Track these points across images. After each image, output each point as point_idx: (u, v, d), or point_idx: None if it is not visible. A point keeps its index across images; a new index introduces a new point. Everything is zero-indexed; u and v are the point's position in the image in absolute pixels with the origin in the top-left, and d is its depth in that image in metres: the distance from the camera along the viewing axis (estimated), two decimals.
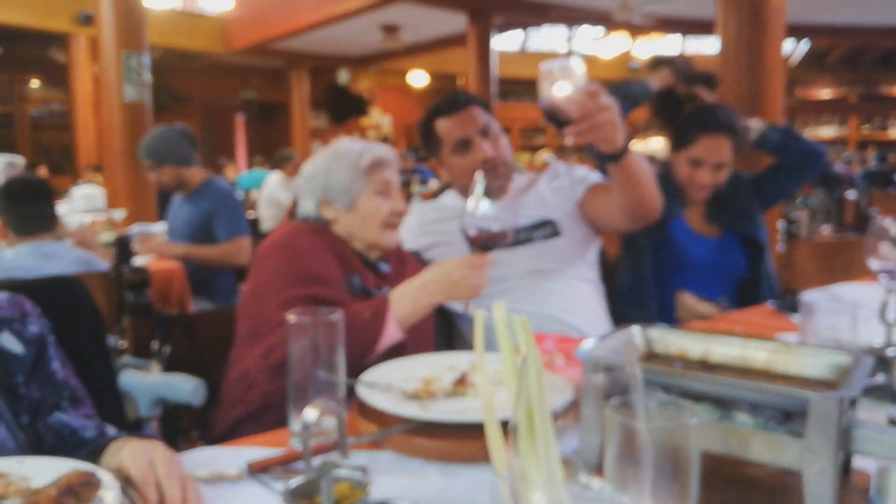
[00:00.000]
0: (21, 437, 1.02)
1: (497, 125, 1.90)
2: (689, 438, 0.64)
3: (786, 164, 2.28)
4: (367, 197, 1.55)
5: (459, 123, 1.86)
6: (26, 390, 1.06)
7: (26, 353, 1.07)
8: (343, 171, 1.56)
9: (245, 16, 12.01)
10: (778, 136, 2.25)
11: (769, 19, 3.98)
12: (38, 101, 13.36)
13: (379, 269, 1.59)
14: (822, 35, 12.87)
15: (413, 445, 0.99)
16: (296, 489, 0.80)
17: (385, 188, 1.57)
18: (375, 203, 1.54)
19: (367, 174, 1.55)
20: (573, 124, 1.38)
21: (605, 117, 1.40)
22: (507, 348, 0.72)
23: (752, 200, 2.27)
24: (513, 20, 11.32)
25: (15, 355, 1.06)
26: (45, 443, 1.04)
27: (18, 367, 1.05)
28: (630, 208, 1.71)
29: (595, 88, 1.37)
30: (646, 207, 1.70)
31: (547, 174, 2.02)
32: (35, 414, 1.06)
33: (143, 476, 0.86)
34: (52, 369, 1.09)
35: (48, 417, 1.06)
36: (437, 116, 1.90)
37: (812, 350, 0.90)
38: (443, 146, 1.90)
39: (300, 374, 1.00)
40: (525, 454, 0.62)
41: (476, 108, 1.87)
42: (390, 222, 1.57)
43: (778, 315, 1.84)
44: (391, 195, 1.58)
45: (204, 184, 3.26)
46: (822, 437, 0.73)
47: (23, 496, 0.80)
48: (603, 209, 1.84)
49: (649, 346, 0.98)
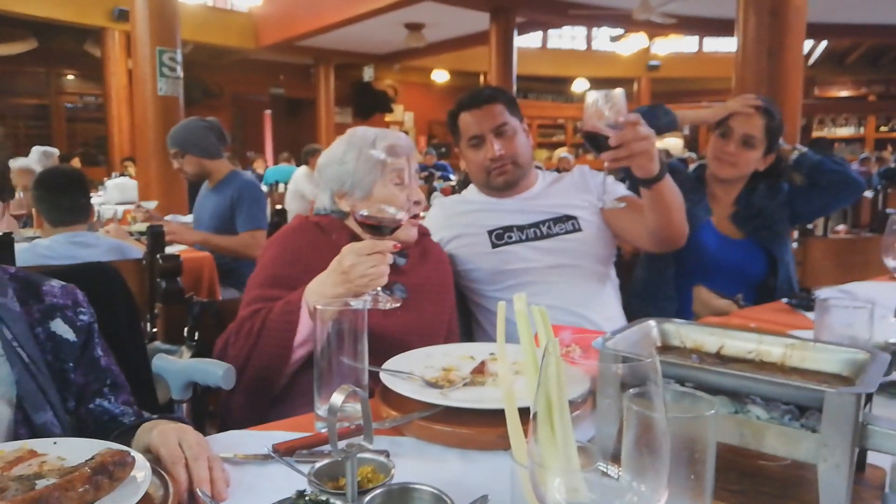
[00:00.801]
0: (66, 421, 1.06)
1: (515, 124, 1.92)
2: (705, 429, 0.65)
3: (820, 185, 2.25)
4: (382, 186, 1.48)
5: (477, 119, 1.92)
6: (74, 376, 1.10)
7: (77, 340, 1.11)
8: (357, 160, 1.49)
9: (274, 13, 12.15)
10: (817, 159, 2.24)
11: (790, 19, 3.94)
12: (74, 93, 13.65)
13: (394, 264, 1.48)
14: (841, 34, 12.66)
15: (433, 431, 1.01)
16: (321, 470, 0.83)
17: (400, 178, 1.50)
18: (392, 191, 1.48)
19: (382, 163, 1.48)
20: (612, 150, 1.44)
21: (641, 146, 1.45)
22: (526, 339, 0.74)
23: (783, 212, 2.25)
24: (534, 19, 11.32)
25: (67, 341, 1.10)
26: (86, 427, 1.08)
27: (69, 353, 1.10)
28: (657, 233, 1.76)
29: (635, 118, 1.43)
30: (673, 235, 1.75)
31: (575, 174, 2.05)
32: (79, 399, 1.10)
33: (172, 457, 0.89)
34: (96, 356, 1.13)
35: (90, 403, 1.10)
36: (461, 110, 1.95)
37: (828, 346, 0.90)
38: (461, 139, 1.97)
39: (325, 361, 1.03)
40: (543, 442, 0.63)
41: (497, 106, 1.90)
42: (409, 213, 1.49)
43: (792, 312, 1.83)
44: (407, 184, 1.51)
45: (229, 175, 3.33)
46: (838, 432, 0.73)
47: (58, 475, 0.82)
48: (629, 227, 1.88)
49: (665, 339, 0.99)
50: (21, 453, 0.88)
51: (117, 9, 10.43)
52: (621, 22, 11.16)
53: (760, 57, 3.92)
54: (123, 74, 11.10)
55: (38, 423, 1.01)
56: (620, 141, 1.43)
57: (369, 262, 1.21)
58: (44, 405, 1.03)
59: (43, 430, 1.02)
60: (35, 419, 1.02)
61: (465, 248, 1.91)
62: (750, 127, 2.13)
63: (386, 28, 11.74)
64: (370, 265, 1.21)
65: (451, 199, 2.14)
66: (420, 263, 1.59)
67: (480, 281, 1.90)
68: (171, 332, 1.58)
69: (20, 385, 1.02)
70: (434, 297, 1.56)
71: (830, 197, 2.27)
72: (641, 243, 1.90)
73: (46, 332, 1.09)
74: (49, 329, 1.09)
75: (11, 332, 1.04)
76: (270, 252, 1.48)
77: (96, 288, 1.19)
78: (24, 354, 1.04)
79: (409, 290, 1.50)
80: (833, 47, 15.13)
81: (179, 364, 1.25)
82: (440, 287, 1.60)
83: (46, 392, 1.04)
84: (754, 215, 2.21)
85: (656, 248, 1.86)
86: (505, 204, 1.96)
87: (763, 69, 3.89)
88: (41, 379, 1.04)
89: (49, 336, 1.09)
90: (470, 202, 2.02)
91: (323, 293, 1.25)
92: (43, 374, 1.05)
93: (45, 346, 1.08)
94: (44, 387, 1.04)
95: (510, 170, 1.92)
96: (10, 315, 1.05)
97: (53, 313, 1.11)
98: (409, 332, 1.44)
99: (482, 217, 1.94)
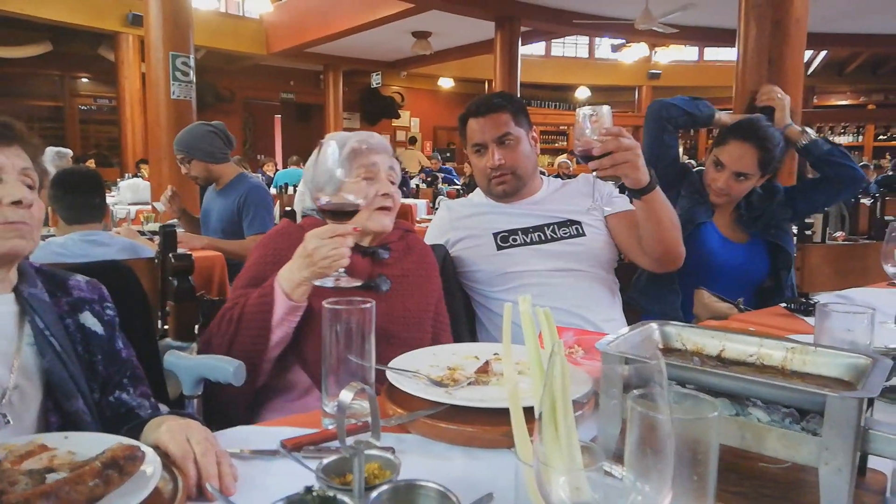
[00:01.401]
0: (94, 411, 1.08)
1: (520, 133, 1.95)
2: (709, 431, 0.66)
3: (825, 177, 2.26)
4: (351, 182, 1.52)
5: (481, 127, 1.95)
6: (101, 368, 1.12)
7: (105, 334, 1.14)
8: (328, 160, 1.50)
9: (285, 20, 12.25)
10: (827, 148, 2.25)
11: (791, 29, 3.93)
12: (88, 96, 13.75)
13: (377, 256, 1.58)
14: (842, 44, 12.62)
15: (438, 429, 1.02)
16: (329, 466, 0.84)
17: (370, 173, 1.55)
18: (359, 187, 1.52)
19: (351, 160, 1.54)
20: (597, 159, 1.53)
21: (625, 156, 1.54)
22: (531, 340, 0.75)
23: (784, 211, 2.27)
24: (538, 28, 11.38)
25: (96, 334, 1.13)
26: (104, 418, 1.10)
27: (98, 346, 1.12)
28: (652, 250, 1.83)
29: (618, 130, 1.53)
30: (668, 253, 1.82)
31: (580, 181, 2.08)
32: (102, 390, 1.12)
33: (181, 452, 0.90)
34: (117, 348, 1.16)
35: (111, 395, 1.12)
36: (469, 115, 1.99)
37: (829, 350, 0.91)
38: (468, 144, 2.01)
39: (334, 359, 1.04)
40: (547, 441, 0.64)
41: (503, 115, 1.93)
42: (377, 204, 1.55)
43: (791, 317, 1.84)
44: (378, 179, 1.56)
45: (236, 179, 3.36)
46: (839, 435, 0.73)
47: (68, 469, 0.83)
48: (627, 243, 1.93)
49: (666, 342, 0.99)
50: (32, 447, 0.88)
51: (132, 14, 10.52)
52: (624, 31, 11.19)
53: (761, 66, 3.92)
54: (137, 78, 11.19)
55: (71, 411, 1.03)
56: (604, 150, 1.52)
57: (330, 244, 1.27)
58: (75, 393, 1.05)
59: (75, 417, 1.03)
60: (67, 407, 1.03)
61: (470, 249, 1.95)
62: (742, 165, 2.13)
63: (393, 36, 11.82)
64: (331, 247, 1.27)
65: (457, 202, 2.17)
66: (403, 257, 1.63)
67: (485, 282, 1.92)
68: (182, 330, 1.60)
69: (51, 373, 1.04)
70: (417, 287, 1.60)
71: (834, 191, 2.29)
72: (640, 261, 1.93)
73: (76, 324, 1.11)
74: (78, 321, 1.12)
75: (43, 321, 1.07)
76: (255, 254, 1.56)
77: (111, 285, 1.21)
78: (56, 343, 1.06)
79: (393, 281, 1.55)
80: (833, 57, 15.10)
81: (190, 360, 1.27)
82: (424, 278, 1.64)
83: (77, 380, 1.06)
84: (757, 217, 2.22)
85: (654, 268, 1.91)
86: (510, 208, 1.99)
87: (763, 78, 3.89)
88: (72, 368, 1.06)
89: (79, 328, 1.11)
90: (476, 205, 2.05)
91: (290, 278, 1.33)
92: (73, 363, 1.07)
93: (74, 336, 1.10)
94: (75, 376, 1.06)
95: (509, 180, 1.95)
96: (41, 305, 1.08)
97: (82, 306, 1.13)
98: (393, 320, 1.50)
99: (488, 220, 1.97)
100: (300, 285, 1.32)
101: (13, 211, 1.04)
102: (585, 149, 1.52)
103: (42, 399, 1.04)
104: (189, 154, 3.31)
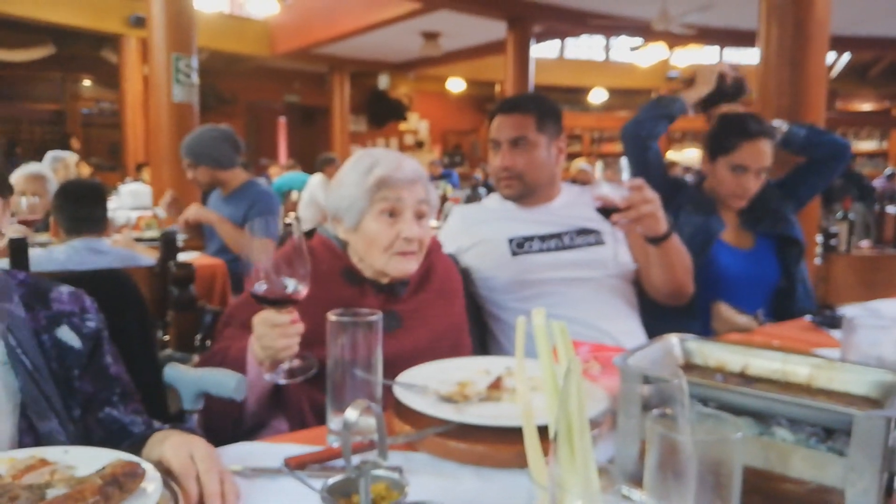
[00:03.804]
0: (71, 430, 1.05)
1: (540, 139, 1.90)
2: (732, 452, 0.63)
3: (815, 160, 2.27)
4: (372, 217, 1.38)
5: (500, 125, 1.93)
6: (80, 384, 1.09)
7: (83, 347, 1.10)
8: (351, 185, 1.40)
9: (290, 21, 12.23)
10: (804, 133, 2.25)
11: (813, 31, 3.90)
12: (90, 99, 13.78)
13: (394, 292, 1.44)
14: (865, 47, 12.55)
15: (447, 448, 0.99)
16: (334, 487, 0.81)
17: (394, 209, 1.38)
18: (380, 225, 1.38)
19: (374, 191, 1.38)
20: (621, 212, 1.52)
21: (648, 208, 1.54)
22: (545, 356, 0.73)
23: (784, 203, 2.25)
24: (551, 29, 11.31)
25: (72, 349, 1.09)
26: (93, 436, 1.07)
27: (75, 360, 1.09)
28: (661, 289, 1.83)
29: (640, 183, 1.52)
30: (677, 292, 1.83)
31: None
32: (86, 408, 1.09)
33: (183, 469, 0.88)
34: (105, 363, 1.12)
35: (99, 412, 1.09)
36: (497, 112, 1.97)
37: (856, 367, 0.89)
38: (489, 140, 1.99)
39: (339, 374, 1.02)
40: (563, 462, 0.62)
41: (525, 118, 1.90)
42: (397, 249, 1.38)
43: (816, 330, 1.81)
44: (402, 217, 1.39)
45: (244, 185, 3.32)
46: (867, 456, 0.72)
47: (68, 485, 0.83)
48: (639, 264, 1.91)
49: (687, 357, 0.97)
50: (32, 462, 0.88)
51: (134, 16, 10.52)
52: (640, 32, 11.12)
53: (782, 68, 3.89)
54: (139, 81, 11.19)
55: (43, 432, 1.01)
56: (629, 204, 1.51)
57: (272, 334, 1.14)
58: (48, 413, 1.02)
59: (48, 438, 1.01)
60: (40, 427, 1.01)
61: (483, 256, 1.90)
62: (764, 160, 2.11)
63: (402, 36, 11.78)
64: (273, 338, 1.14)
65: (470, 208, 2.15)
66: (420, 288, 1.50)
67: (498, 290, 1.88)
68: (182, 340, 1.58)
69: (24, 392, 1.01)
70: (433, 321, 1.48)
71: (827, 169, 2.29)
72: (646, 288, 1.91)
73: (52, 340, 1.08)
74: (55, 336, 1.09)
75: (16, 338, 1.04)
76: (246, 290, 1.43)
77: (108, 295, 1.19)
78: (28, 362, 1.03)
79: (406, 317, 1.44)
80: (855, 60, 15.00)
81: (191, 374, 1.24)
82: (441, 307, 1.52)
83: (51, 399, 1.03)
84: (762, 215, 2.19)
85: (660, 300, 1.89)
86: (526, 213, 1.95)
87: (785, 81, 3.85)
88: (45, 386, 1.03)
89: (55, 343, 1.08)
90: (491, 210, 2.02)
91: (255, 353, 1.21)
92: (47, 381, 1.04)
93: (49, 353, 1.07)
94: (48, 394, 1.03)
95: (515, 184, 1.92)
96: (15, 321, 1.05)
97: (60, 320, 1.10)
98: (402, 355, 1.34)
99: (503, 225, 1.93)
100: (262, 363, 1.20)
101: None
102: (605, 204, 1.52)
103: (18, 419, 1.01)
104: (196, 160, 3.27)
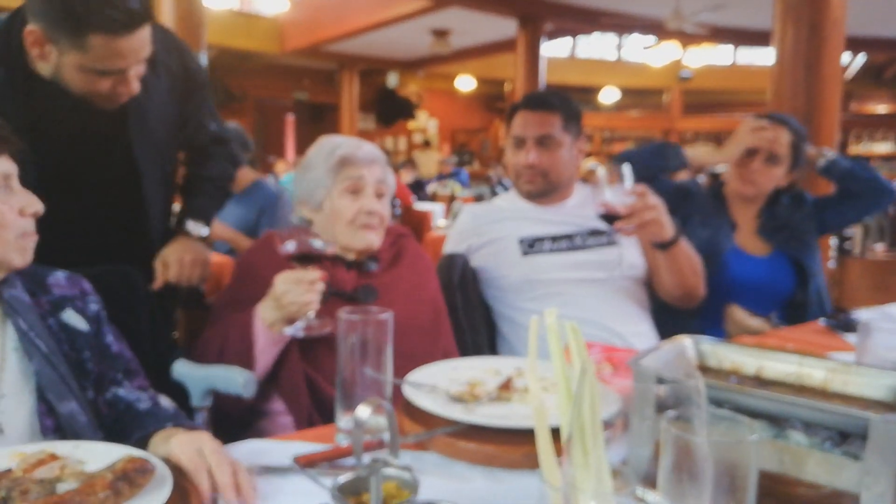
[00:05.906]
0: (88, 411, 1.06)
1: (565, 139, 1.89)
2: (747, 454, 0.63)
3: (852, 192, 2.20)
4: (336, 195, 1.47)
5: (526, 121, 1.91)
6: (91, 366, 1.10)
7: (89, 329, 1.11)
8: (314, 168, 1.50)
9: (299, 18, 12.22)
10: (848, 165, 2.20)
11: (828, 31, 3.87)
12: None
13: (364, 268, 1.51)
14: (881, 48, 12.41)
15: (457, 448, 0.99)
16: (344, 485, 0.81)
17: (356, 186, 1.48)
18: (343, 202, 1.46)
19: (335, 171, 1.47)
20: (624, 220, 1.52)
21: (651, 215, 1.54)
22: (557, 357, 0.72)
23: (810, 224, 2.20)
24: (563, 27, 11.25)
25: (80, 332, 1.10)
26: (103, 418, 1.08)
27: (84, 342, 1.10)
28: (670, 292, 1.83)
29: (642, 189, 1.52)
30: (687, 296, 1.83)
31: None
32: (96, 389, 1.10)
33: (194, 464, 0.88)
34: (107, 342, 1.13)
35: (106, 393, 1.10)
36: (521, 107, 1.95)
37: (871, 370, 0.88)
38: (509, 135, 1.97)
39: (349, 372, 1.01)
40: (576, 464, 0.62)
41: (552, 116, 1.89)
42: (360, 222, 1.47)
43: (830, 333, 1.79)
44: (363, 194, 1.48)
45: (252, 185, 3.30)
46: (883, 460, 0.71)
47: (78, 479, 0.83)
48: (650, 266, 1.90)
49: (702, 359, 0.96)
50: (42, 456, 0.88)
51: None
52: (653, 30, 11.03)
53: (797, 69, 3.86)
54: None
55: (64, 413, 1.02)
56: (631, 211, 1.51)
57: (297, 290, 1.26)
58: (67, 395, 1.03)
59: (69, 419, 1.01)
60: (60, 408, 1.02)
61: (494, 255, 1.89)
62: (777, 145, 2.08)
63: (412, 34, 11.75)
64: (298, 293, 1.26)
65: (481, 207, 2.13)
66: (393, 263, 1.57)
67: (509, 290, 1.87)
68: (191, 338, 1.57)
69: (41, 376, 1.02)
70: (409, 293, 1.54)
71: (863, 206, 2.24)
72: (657, 290, 1.90)
73: (59, 323, 1.09)
74: (61, 320, 1.09)
75: (26, 322, 1.04)
76: (234, 272, 1.54)
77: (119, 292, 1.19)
78: (42, 345, 1.04)
79: (382, 290, 1.49)
80: (871, 62, 14.85)
81: (200, 371, 1.24)
82: (416, 284, 1.58)
83: (68, 381, 1.04)
84: (780, 227, 2.16)
85: (671, 302, 1.88)
86: (538, 213, 1.94)
87: (800, 82, 3.82)
88: (61, 368, 1.04)
89: (62, 327, 1.09)
90: (502, 209, 2.01)
91: (264, 317, 1.31)
92: (62, 363, 1.05)
93: (59, 336, 1.08)
94: (65, 376, 1.04)
95: (538, 181, 1.90)
96: (22, 307, 1.06)
97: (63, 304, 1.11)
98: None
99: (514, 225, 1.92)
100: (273, 325, 1.30)
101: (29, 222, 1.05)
102: (608, 211, 1.51)
103: (35, 403, 1.02)
104: None
